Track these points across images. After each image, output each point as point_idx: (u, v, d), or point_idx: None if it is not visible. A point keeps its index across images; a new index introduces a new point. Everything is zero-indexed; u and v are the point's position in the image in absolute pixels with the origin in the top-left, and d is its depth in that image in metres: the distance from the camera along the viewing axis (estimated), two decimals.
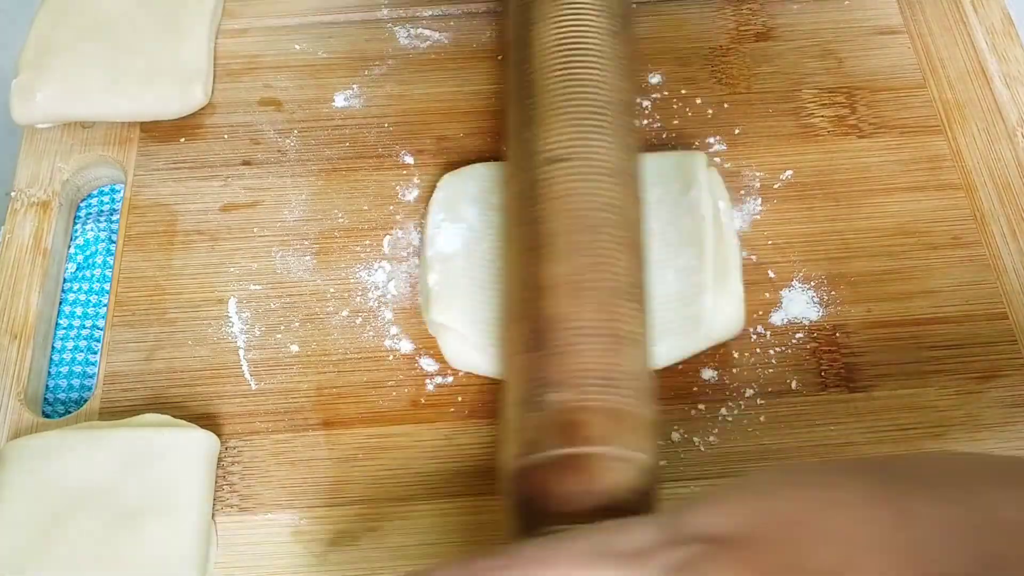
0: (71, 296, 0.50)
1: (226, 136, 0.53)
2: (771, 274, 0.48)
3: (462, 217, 0.48)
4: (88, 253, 0.51)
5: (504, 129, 0.47)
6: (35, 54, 0.52)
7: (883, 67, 0.55)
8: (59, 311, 0.50)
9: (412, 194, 0.51)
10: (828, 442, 0.44)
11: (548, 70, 0.45)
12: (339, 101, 0.54)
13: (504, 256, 0.45)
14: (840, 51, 0.55)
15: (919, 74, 0.55)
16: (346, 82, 0.54)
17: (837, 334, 0.46)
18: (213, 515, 0.42)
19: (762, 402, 0.45)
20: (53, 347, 0.49)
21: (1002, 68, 0.55)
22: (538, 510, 0.36)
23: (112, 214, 0.52)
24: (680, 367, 0.46)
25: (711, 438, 0.44)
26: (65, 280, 0.50)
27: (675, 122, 0.53)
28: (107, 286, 0.50)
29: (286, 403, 0.45)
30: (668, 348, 0.44)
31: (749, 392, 0.45)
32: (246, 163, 0.52)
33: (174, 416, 0.43)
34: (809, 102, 0.53)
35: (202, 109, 0.53)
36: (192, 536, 0.40)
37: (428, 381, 0.46)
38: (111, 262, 0.50)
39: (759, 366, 0.46)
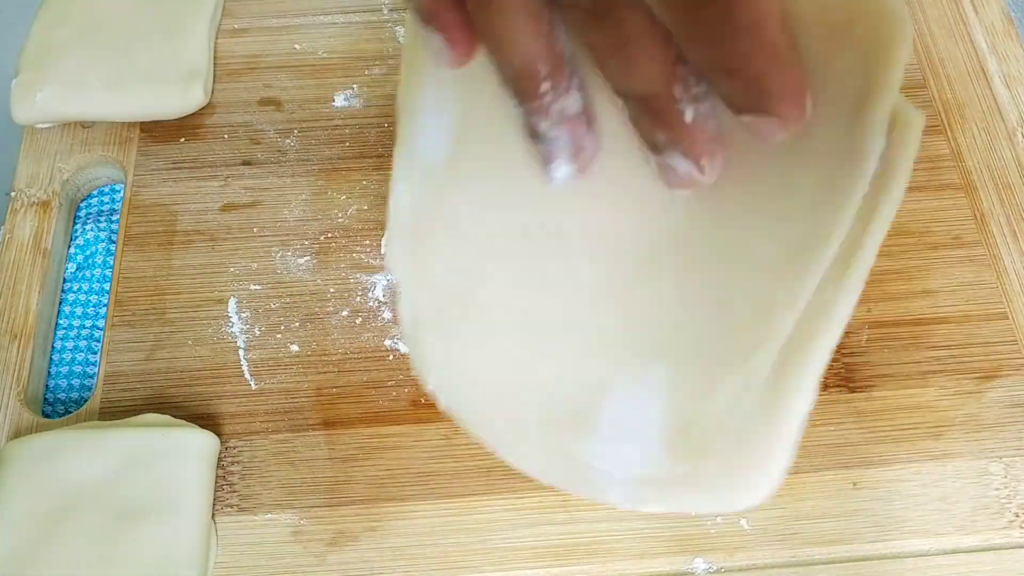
0: (71, 296, 0.50)
1: (226, 136, 0.53)
2: None
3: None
4: (88, 253, 0.51)
5: None
6: (35, 54, 0.52)
7: None
8: (59, 311, 0.50)
9: None
10: (828, 442, 0.44)
11: None
12: (339, 101, 0.54)
13: None
14: None
15: (919, 74, 0.55)
16: (346, 82, 0.54)
17: None
18: (213, 515, 0.42)
19: None
20: (53, 347, 0.49)
21: (1002, 68, 0.55)
22: None
23: (112, 214, 0.52)
24: None
25: None
26: (65, 280, 0.50)
27: None
28: (107, 286, 0.50)
29: (286, 403, 0.45)
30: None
31: None
32: (246, 163, 0.52)
33: (174, 416, 0.43)
34: None
35: (202, 109, 0.53)
36: (192, 536, 0.40)
37: None
38: (111, 262, 0.50)
39: None
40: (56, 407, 0.47)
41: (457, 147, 0.32)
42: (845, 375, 0.46)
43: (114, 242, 0.50)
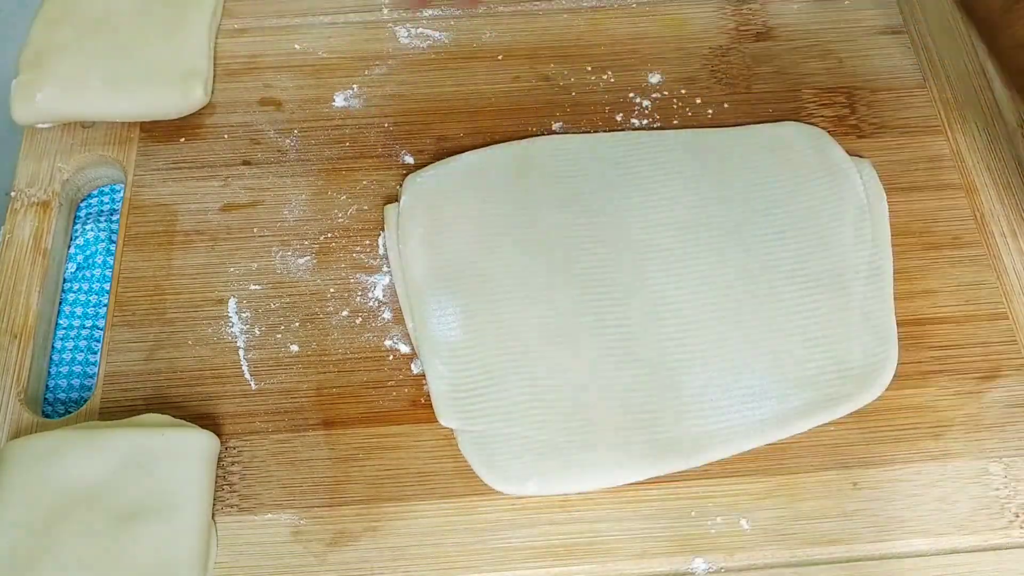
0: (71, 296, 0.50)
1: (226, 136, 0.53)
2: None
3: (450, 278, 0.47)
4: (88, 253, 0.51)
5: None
6: (35, 54, 0.52)
7: (883, 67, 0.55)
8: (59, 311, 0.50)
9: None
10: (828, 442, 0.44)
11: None
12: (339, 101, 0.54)
13: None
14: (840, 51, 0.55)
15: (919, 74, 0.55)
16: (346, 82, 0.54)
17: None
18: (213, 515, 0.42)
19: None
20: (53, 347, 0.49)
21: None
22: None
23: (112, 214, 0.52)
24: None
25: None
26: (65, 280, 0.50)
27: (675, 122, 0.53)
28: (107, 286, 0.50)
29: (286, 403, 0.45)
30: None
31: None
32: (246, 163, 0.52)
33: (174, 416, 0.43)
34: (809, 102, 0.53)
35: (202, 109, 0.53)
36: (192, 536, 0.40)
37: None
38: (111, 262, 0.50)
39: None
40: (56, 407, 0.47)
41: (465, 333, 0.45)
42: None
43: (114, 242, 0.50)
